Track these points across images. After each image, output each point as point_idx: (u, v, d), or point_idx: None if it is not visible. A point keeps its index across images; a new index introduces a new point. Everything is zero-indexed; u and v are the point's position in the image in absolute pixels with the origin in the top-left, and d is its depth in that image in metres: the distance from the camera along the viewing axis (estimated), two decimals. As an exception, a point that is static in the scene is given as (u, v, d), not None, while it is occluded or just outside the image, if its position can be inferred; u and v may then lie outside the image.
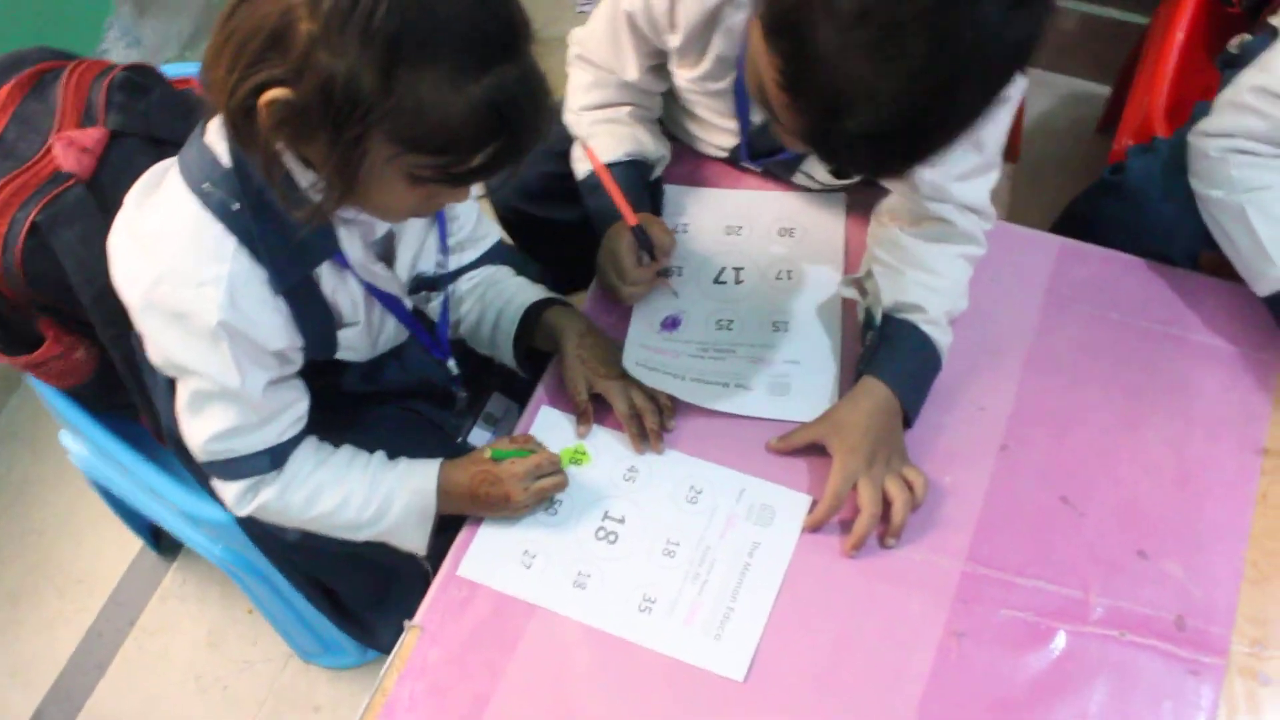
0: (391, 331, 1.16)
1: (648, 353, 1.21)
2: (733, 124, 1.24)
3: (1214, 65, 1.47)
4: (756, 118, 1.21)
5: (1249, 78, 1.18)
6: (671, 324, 1.24)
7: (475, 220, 1.23)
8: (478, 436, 1.31)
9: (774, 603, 1.08)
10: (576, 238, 1.30)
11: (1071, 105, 2.19)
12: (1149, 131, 1.51)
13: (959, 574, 1.10)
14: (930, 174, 1.14)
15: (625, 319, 1.25)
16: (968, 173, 1.15)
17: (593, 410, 1.18)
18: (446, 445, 1.27)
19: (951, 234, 1.18)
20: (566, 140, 1.31)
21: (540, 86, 0.87)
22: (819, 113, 0.84)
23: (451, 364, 1.22)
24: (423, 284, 1.14)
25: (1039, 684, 1.04)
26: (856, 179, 1.27)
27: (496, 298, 1.23)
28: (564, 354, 1.18)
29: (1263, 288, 1.18)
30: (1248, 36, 1.37)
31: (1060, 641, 1.06)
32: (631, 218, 1.18)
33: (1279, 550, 1.11)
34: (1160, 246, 1.27)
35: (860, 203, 1.30)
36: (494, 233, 1.28)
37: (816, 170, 1.26)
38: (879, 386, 1.12)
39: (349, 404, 1.22)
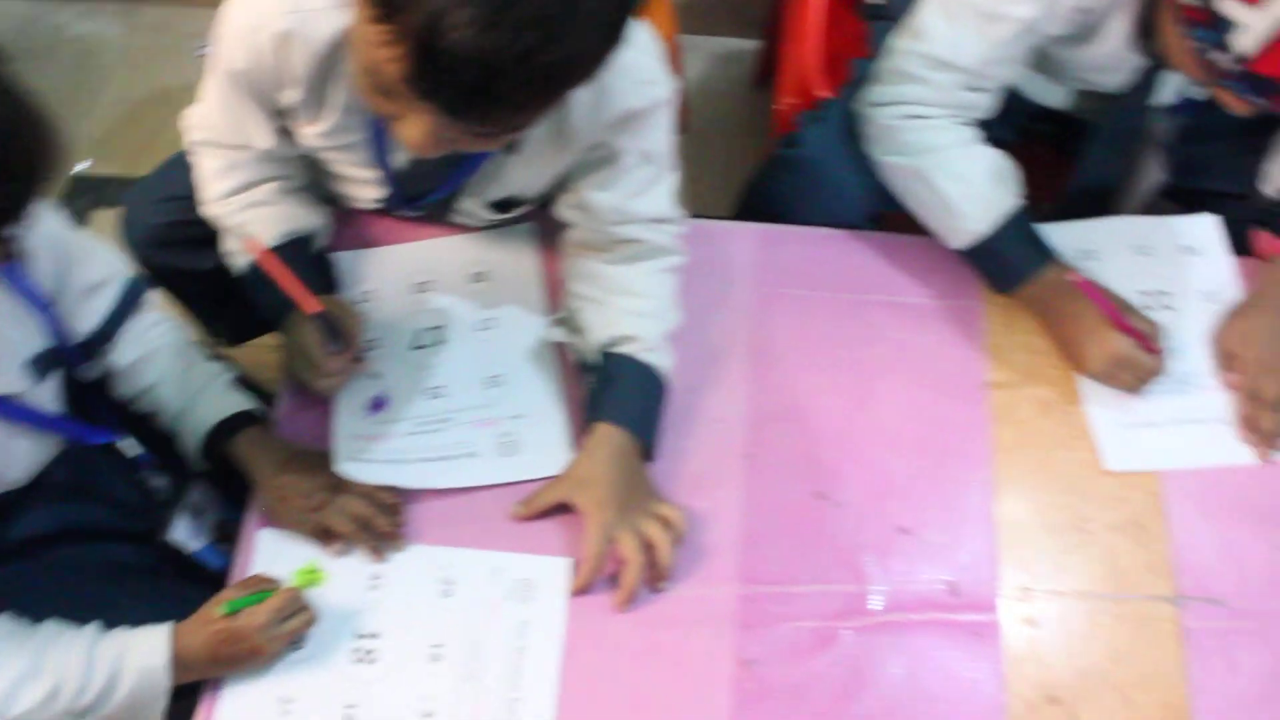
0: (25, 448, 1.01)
1: (360, 443, 1.10)
2: (375, 173, 1.13)
3: (855, 15, 1.48)
4: (400, 159, 1.10)
5: (910, 44, 1.18)
6: (378, 405, 1.13)
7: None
8: (183, 532, 1.15)
9: (559, 680, 1.01)
10: (231, 284, 1.16)
11: (723, 65, 2.20)
12: (808, 91, 1.51)
13: (735, 599, 1.06)
14: (606, 198, 1.09)
15: (325, 411, 1.13)
16: (643, 187, 1.10)
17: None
18: (164, 589, 1.12)
19: (646, 251, 1.12)
20: (185, 184, 1.17)
21: (20, 110, 0.76)
22: (418, 31, 0.74)
23: (131, 443, 1.08)
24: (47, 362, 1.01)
25: (837, 688, 1.02)
26: (520, 210, 1.18)
27: (172, 391, 1.10)
28: (266, 504, 1.06)
29: (955, 241, 1.20)
30: (887, -13, 1.39)
31: (848, 640, 1.05)
32: (310, 304, 1.06)
33: (1022, 494, 1.14)
34: (844, 212, 1.27)
35: (550, 232, 1.22)
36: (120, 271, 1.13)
37: (473, 204, 1.17)
38: (613, 431, 1.06)
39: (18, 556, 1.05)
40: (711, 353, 1.19)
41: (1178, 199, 1.38)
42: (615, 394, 1.09)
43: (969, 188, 1.17)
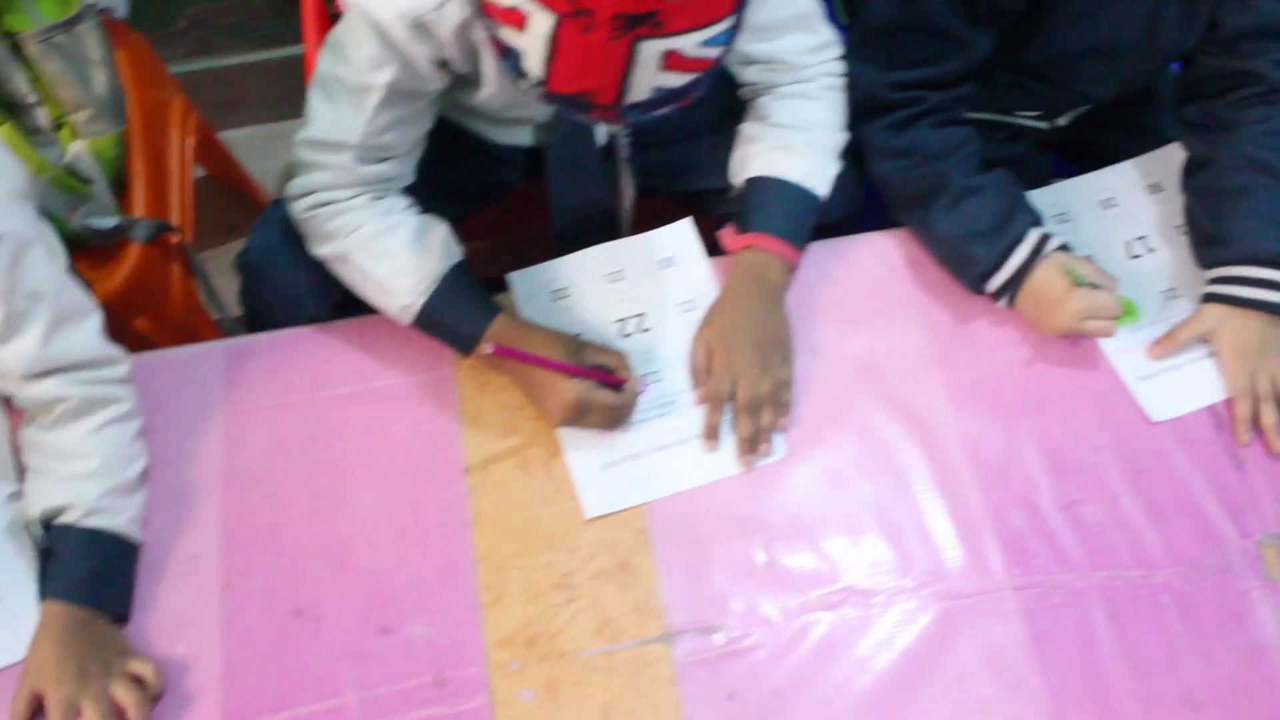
0: None
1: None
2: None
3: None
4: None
5: (301, 133, 1.14)
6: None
7: None
8: None
9: None
10: None
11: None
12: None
13: (212, 750, 1.02)
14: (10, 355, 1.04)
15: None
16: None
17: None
18: None
19: (77, 409, 1.09)
20: None
21: None
22: None
23: None
24: None
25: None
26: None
27: None
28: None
29: (403, 319, 1.16)
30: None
31: (330, 765, 1.01)
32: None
33: (502, 562, 1.11)
34: (306, 309, 1.23)
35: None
36: None
37: None
38: (58, 609, 1.04)
39: None
40: (185, 488, 1.15)
41: (688, 201, 1.37)
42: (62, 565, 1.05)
43: (393, 262, 1.14)
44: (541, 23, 0.88)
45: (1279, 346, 1.18)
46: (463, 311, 1.15)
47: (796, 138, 1.23)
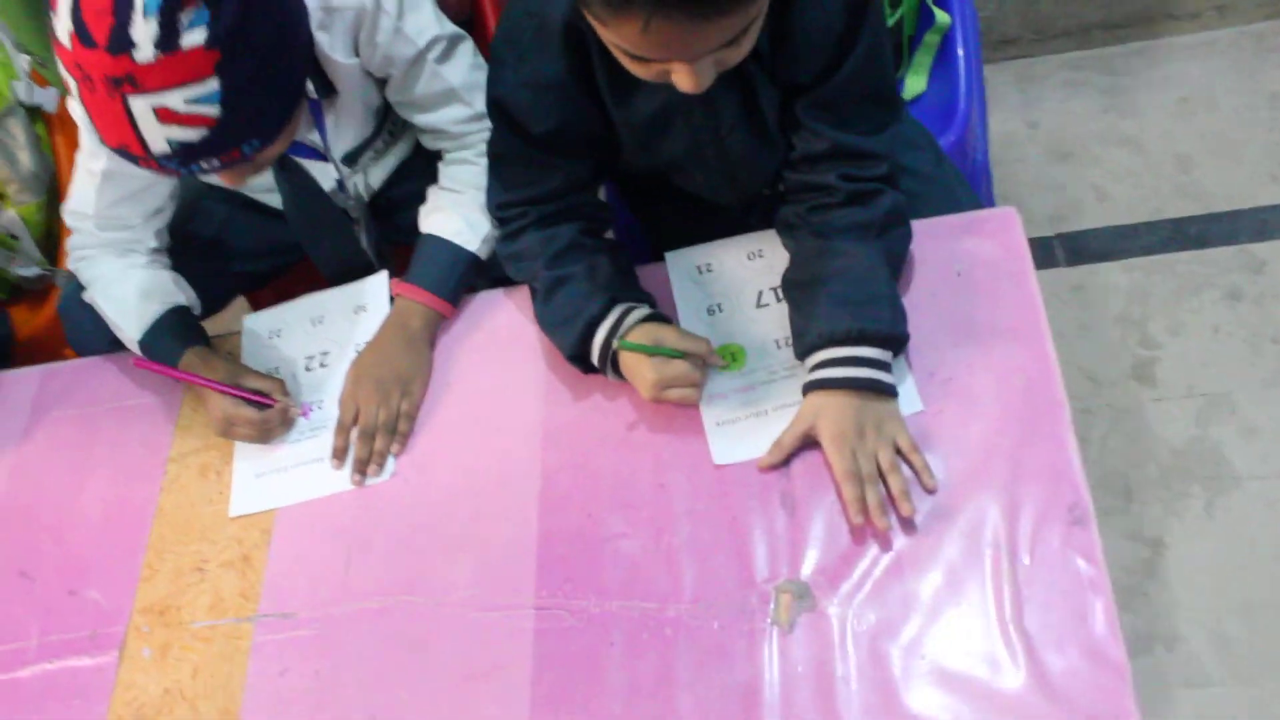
0: None
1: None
2: None
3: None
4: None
5: (64, 204, 1.46)
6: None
7: None
8: None
9: None
10: None
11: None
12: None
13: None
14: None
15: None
16: None
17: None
18: None
19: None
20: None
21: None
22: None
23: None
24: None
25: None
26: None
27: None
28: None
29: (130, 347, 1.46)
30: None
31: None
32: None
33: (164, 547, 1.37)
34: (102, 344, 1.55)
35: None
36: None
37: None
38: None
39: None
40: None
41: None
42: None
43: (123, 305, 1.44)
44: (74, 90, 1.13)
45: (876, 424, 1.18)
46: (167, 345, 1.43)
47: (449, 200, 1.42)
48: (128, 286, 1.44)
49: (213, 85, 1.10)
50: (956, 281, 1.30)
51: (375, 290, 1.47)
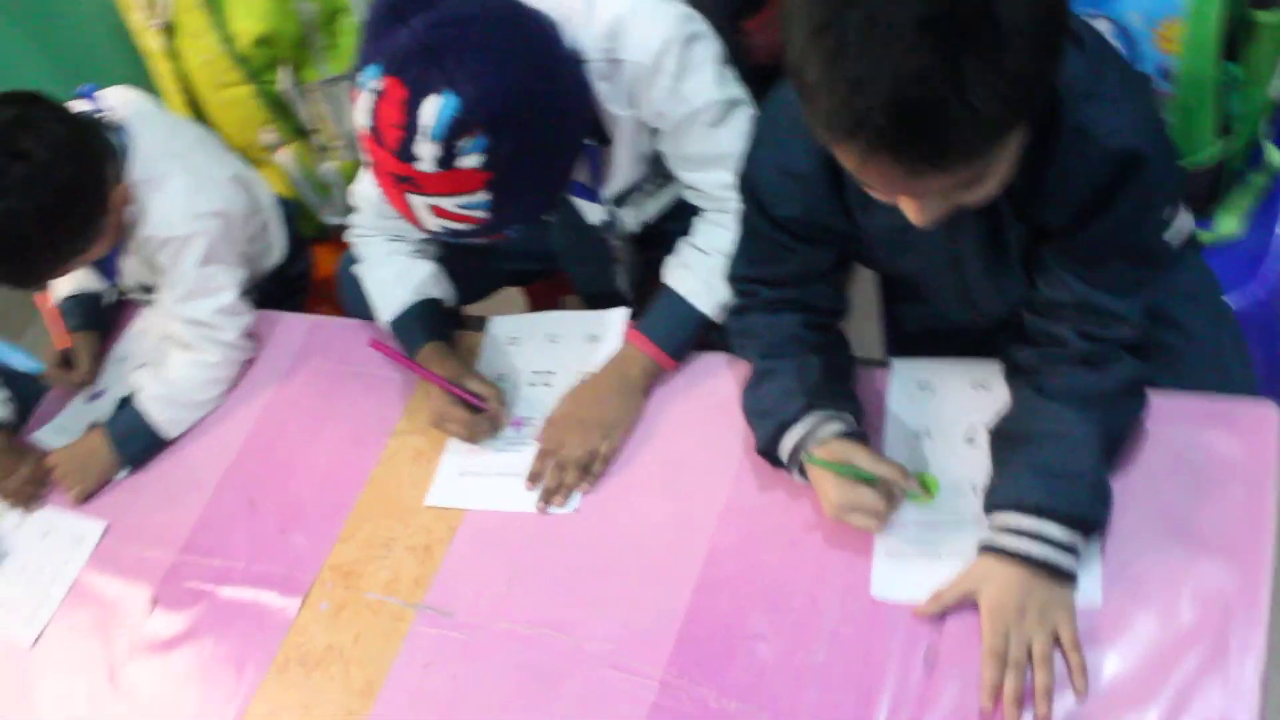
0: None
1: None
2: None
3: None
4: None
5: (351, 186, 1.61)
6: None
7: None
8: None
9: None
10: None
11: None
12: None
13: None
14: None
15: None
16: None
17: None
18: None
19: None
20: None
21: None
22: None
23: None
24: None
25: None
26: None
27: None
28: None
29: (380, 319, 1.58)
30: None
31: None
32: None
33: (365, 516, 1.49)
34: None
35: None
36: None
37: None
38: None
39: None
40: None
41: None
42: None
43: (382, 286, 1.56)
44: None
45: (1041, 609, 1.11)
46: (412, 333, 1.54)
47: (695, 258, 1.44)
48: (389, 271, 1.57)
49: (483, 197, 1.21)
50: (1184, 472, 1.20)
51: (613, 324, 1.52)
